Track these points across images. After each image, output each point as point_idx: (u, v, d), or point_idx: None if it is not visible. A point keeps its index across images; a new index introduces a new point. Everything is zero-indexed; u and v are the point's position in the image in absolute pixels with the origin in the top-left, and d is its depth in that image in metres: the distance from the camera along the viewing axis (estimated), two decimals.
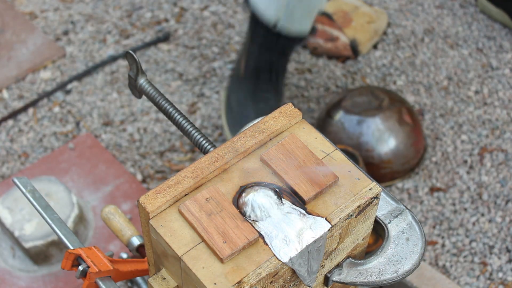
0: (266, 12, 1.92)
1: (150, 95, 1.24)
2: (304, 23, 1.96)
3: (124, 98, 2.23)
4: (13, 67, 2.30)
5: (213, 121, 2.17)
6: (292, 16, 1.91)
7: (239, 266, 0.96)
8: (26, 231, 1.80)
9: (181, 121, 1.21)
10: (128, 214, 1.94)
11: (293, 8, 1.89)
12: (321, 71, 2.31)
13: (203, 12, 2.47)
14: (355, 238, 1.09)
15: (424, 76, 2.29)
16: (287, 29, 1.94)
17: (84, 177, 2.01)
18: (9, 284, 1.82)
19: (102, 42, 2.38)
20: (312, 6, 1.93)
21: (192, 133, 1.19)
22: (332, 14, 2.36)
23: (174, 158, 2.08)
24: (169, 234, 0.99)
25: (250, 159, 1.07)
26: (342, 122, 2.01)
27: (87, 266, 1.19)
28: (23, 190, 1.28)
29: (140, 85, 1.26)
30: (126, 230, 1.37)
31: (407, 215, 1.12)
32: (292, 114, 1.11)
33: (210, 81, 2.28)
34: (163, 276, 1.05)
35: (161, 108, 1.23)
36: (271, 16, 1.91)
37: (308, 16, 1.95)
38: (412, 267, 1.08)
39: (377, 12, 2.42)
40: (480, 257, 1.89)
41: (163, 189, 1.02)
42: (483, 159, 2.08)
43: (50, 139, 2.13)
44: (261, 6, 1.92)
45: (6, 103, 2.22)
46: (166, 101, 1.23)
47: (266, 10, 1.92)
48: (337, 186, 1.04)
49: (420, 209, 1.97)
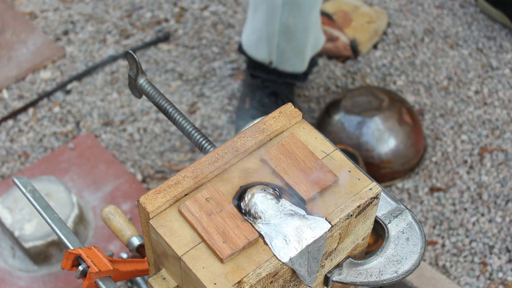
0: (258, 56, 2.04)
1: (150, 95, 1.24)
2: (298, 63, 2.04)
3: (124, 98, 2.23)
4: (13, 67, 2.30)
5: (213, 121, 2.17)
6: (284, 57, 2.01)
7: (239, 266, 0.96)
8: (26, 231, 1.80)
9: (181, 121, 1.21)
10: (128, 214, 1.94)
11: (283, 50, 1.98)
12: (321, 71, 2.31)
13: (203, 12, 2.47)
14: (355, 238, 1.09)
15: (424, 76, 2.29)
16: (282, 67, 2.04)
17: (84, 177, 2.01)
18: (9, 284, 1.82)
19: (102, 42, 2.38)
20: (302, 47, 1.99)
21: (192, 133, 1.19)
22: (332, 14, 2.36)
23: (174, 158, 2.08)
24: (169, 234, 0.99)
25: (250, 159, 1.07)
26: (342, 122, 2.01)
27: (87, 266, 1.18)
28: (23, 190, 1.28)
29: (140, 85, 1.26)
30: (126, 230, 1.37)
31: (407, 215, 1.12)
32: (292, 114, 1.11)
33: (210, 81, 2.28)
34: (163, 276, 1.05)
35: (161, 108, 1.23)
36: (263, 57, 2.03)
37: (300, 56, 2.02)
38: (412, 267, 1.08)
39: (377, 12, 2.42)
40: (480, 257, 1.89)
41: (163, 189, 1.02)
42: (483, 159, 2.08)
43: (50, 139, 2.13)
44: (253, 52, 2.05)
45: (6, 103, 2.22)
46: (166, 101, 1.23)
47: (258, 54, 2.04)
48: (337, 186, 1.04)
49: (420, 209, 1.97)
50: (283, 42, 1.97)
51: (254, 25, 2.00)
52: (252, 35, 2.03)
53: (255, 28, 2.00)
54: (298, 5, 1.87)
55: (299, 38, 1.96)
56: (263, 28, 1.96)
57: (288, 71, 2.06)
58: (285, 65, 2.04)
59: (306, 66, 2.06)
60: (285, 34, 1.94)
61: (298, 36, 1.95)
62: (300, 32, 1.94)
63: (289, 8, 1.87)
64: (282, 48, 1.98)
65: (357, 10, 2.39)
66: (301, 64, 2.04)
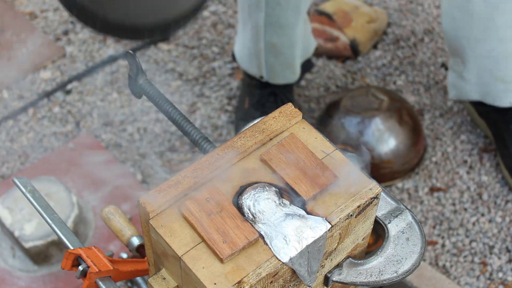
0: (249, 70, 2.05)
1: (150, 95, 1.24)
2: (288, 75, 2.04)
3: (124, 98, 2.23)
4: (13, 67, 2.30)
5: (213, 121, 2.17)
6: (273, 72, 2.02)
7: (239, 266, 0.96)
8: (26, 231, 1.80)
9: (181, 121, 1.21)
10: (128, 214, 1.94)
11: (272, 65, 1.99)
12: (321, 71, 2.31)
13: (203, 12, 2.47)
14: (355, 238, 1.09)
15: (424, 76, 2.29)
16: (273, 81, 2.05)
17: (84, 177, 2.01)
18: (9, 284, 1.82)
19: (102, 42, 2.38)
20: (290, 62, 2.00)
21: (192, 133, 1.19)
22: (332, 14, 2.36)
23: (174, 158, 2.08)
24: (169, 234, 0.99)
25: (250, 159, 1.07)
26: (342, 122, 2.01)
27: (87, 266, 1.19)
28: (23, 190, 1.28)
29: (140, 85, 1.26)
30: (126, 230, 1.37)
31: (407, 215, 1.12)
32: (292, 114, 1.11)
33: (210, 81, 2.28)
34: (163, 276, 1.05)
35: (161, 108, 1.23)
36: (254, 72, 2.04)
37: (290, 69, 2.03)
38: (412, 267, 1.08)
39: (377, 12, 2.42)
40: (480, 257, 1.89)
41: (163, 189, 1.02)
42: (482, 159, 2.08)
43: (50, 139, 2.13)
44: (244, 65, 2.06)
45: (6, 103, 2.22)
46: (166, 101, 1.23)
47: (249, 68, 2.05)
48: (337, 186, 1.04)
49: (420, 209, 1.97)
50: (271, 59, 1.98)
51: (243, 41, 2.02)
52: (242, 50, 2.05)
53: (244, 44, 2.02)
54: (280, 25, 1.88)
55: (286, 54, 1.96)
56: (251, 45, 1.98)
57: (281, 83, 2.07)
58: (276, 79, 2.05)
59: (298, 75, 2.07)
60: (271, 52, 1.95)
61: (285, 52, 1.96)
62: (286, 48, 1.95)
63: (271, 28, 1.89)
64: (270, 64, 1.99)
65: (357, 10, 2.39)
66: (292, 75, 2.05)
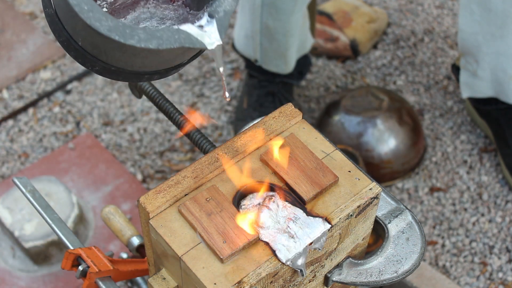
0: (245, 52, 2.09)
1: (150, 95, 1.25)
2: (280, 65, 2.06)
3: (124, 98, 2.23)
4: (13, 67, 2.30)
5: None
6: (267, 57, 2.04)
7: (239, 266, 0.96)
8: (26, 231, 1.80)
9: (181, 121, 1.21)
10: (128, 214, 1.94)
11: (266, 50, 2.02)
12: (321, 71, 2.31)
13: None
14: (355, 238, 1.09)
15: (424, 76, 2.29)
16: (266, 66, 2.08)
17: (84, 177, 2.02)
18: (9, 284, 1.82)
19: None
20: (283, 50, 2.01)
21: (192, 133, 1.19)
22: (332, 14, 2.36)
23: (174, 158, 2.08)
24: (169, 234, 0.99)
25: (250, 159, 1.07)
26: (342, 122, 2.01)
27: (87, 266, 1.19)
28: (23, 190, 1.28)
29: (140, 85, 1.26)
30: (126, 230, 1.37)
31: (407, 215, 1.12)
32: (292, 114, 1.11)
33: (210, 81, 2.28)
34: (163, 276, 1.05)
35: (161, 108, 1.23)
36: (249, 54, 2.08)
37: (282, 58, 2.04)
38: (412, 267, 1.08)
39: (377, 12, 2.42)
40: (480, 257, 1.89)
41: (163, 189, 1.02)
42: (482, 159, 2.08)
43: (50, 139, 2.13)
44: (241, 48, 2.10)
45: (6, 103, 2.22)
46: (166, 101, 1.23)
47: (245, 50, 2.09)
48: (337, 186, 1.04)
49: (420, 209, 1.97)
50: (265, 42, 2.00)
51: (241, 22, 2.04)
52: (240, 31, 2.07)
53: (242, 25, 2.05)
54: (276, 8, 1.89)
55: (280, 41, 1.98)
56: (248, 26, 2.00)
57: (273, 70, 2.08)
58: (269, 65, 2.06)
59: (290, 68, 2.08)
60: (266, 35, 1.97)
61: (278, 39, 1.97)
62: (281, 35, 1.96)
63: (267, 9, 1.90)
64: (264, 47, 2.01)
65: (357, 10, 2.39)
66: (284, 66, 2.06)
